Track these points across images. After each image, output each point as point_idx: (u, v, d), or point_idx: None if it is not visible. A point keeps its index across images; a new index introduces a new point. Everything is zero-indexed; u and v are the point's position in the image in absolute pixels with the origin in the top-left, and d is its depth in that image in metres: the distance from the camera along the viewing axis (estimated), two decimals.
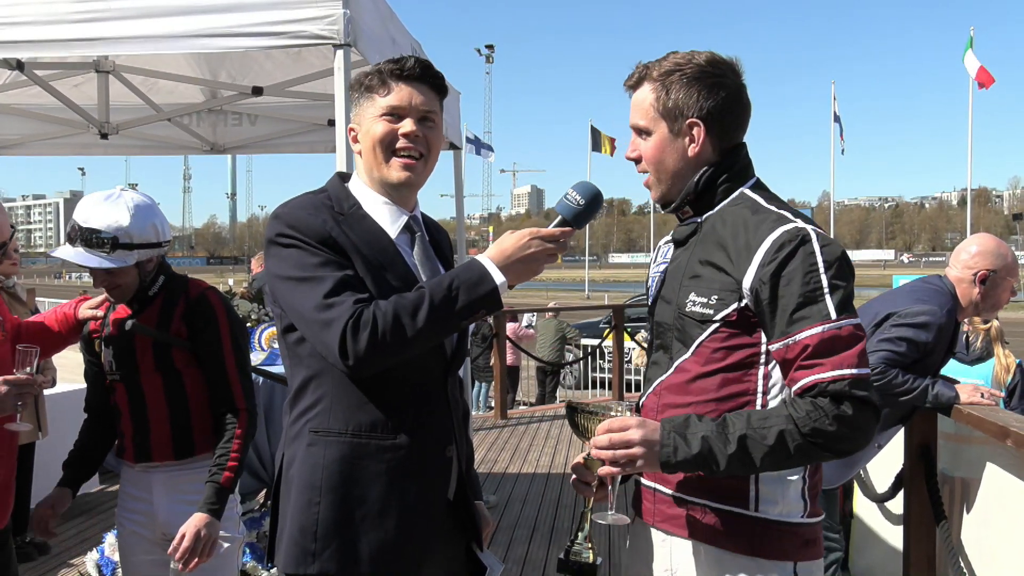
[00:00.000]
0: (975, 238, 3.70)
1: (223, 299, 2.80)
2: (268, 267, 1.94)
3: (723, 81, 1.90)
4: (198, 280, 2.86)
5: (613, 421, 1.79)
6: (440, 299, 1.80)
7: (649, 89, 1.92)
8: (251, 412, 2.72)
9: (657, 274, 2.07)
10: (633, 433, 1.76)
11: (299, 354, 1.95)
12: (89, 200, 2.62)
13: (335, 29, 3.38)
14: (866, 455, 3.69)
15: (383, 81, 1.98)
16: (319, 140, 6.30)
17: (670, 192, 1.96)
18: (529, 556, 5.32)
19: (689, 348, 1.88)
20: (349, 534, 1.89)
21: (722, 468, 1.74)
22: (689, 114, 1.89)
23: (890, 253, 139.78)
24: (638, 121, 1.94)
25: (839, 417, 1.71)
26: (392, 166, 1.98)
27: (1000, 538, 3.47)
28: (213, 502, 2.56)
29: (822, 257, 1.76)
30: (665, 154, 1.93)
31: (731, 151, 1.94)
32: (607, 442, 1.77)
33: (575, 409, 1.89)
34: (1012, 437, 2.99)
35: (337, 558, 1.89)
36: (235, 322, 2.78)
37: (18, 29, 3.47)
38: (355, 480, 1.90)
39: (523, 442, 8.62)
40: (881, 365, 3.39)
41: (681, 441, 1.75)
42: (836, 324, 1.72)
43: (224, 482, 2.59)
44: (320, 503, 1.89)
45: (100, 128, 5.44)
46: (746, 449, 1.73)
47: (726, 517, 1.86)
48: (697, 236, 1.95)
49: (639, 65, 1.97)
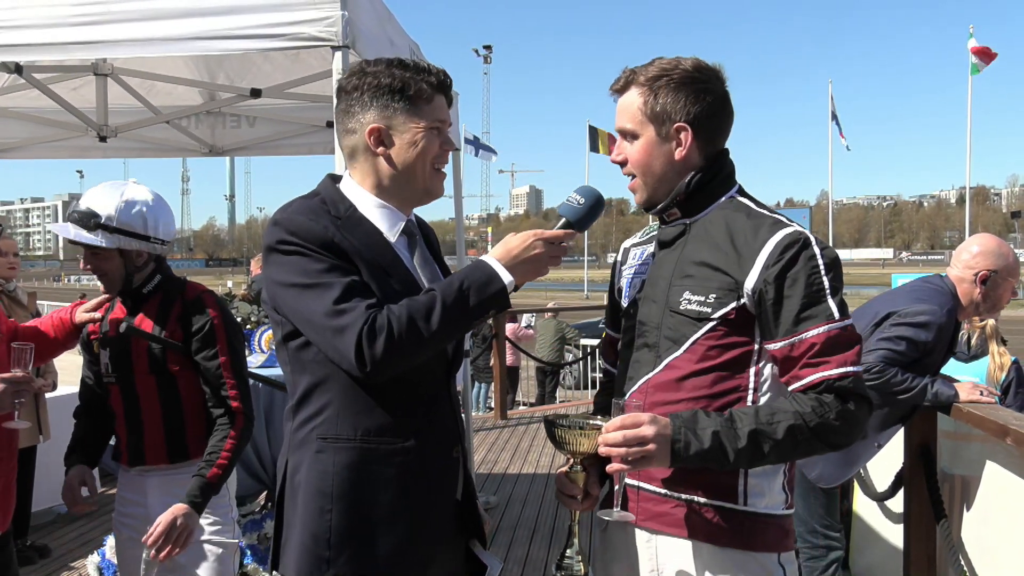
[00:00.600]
0: (976, 238, 3.70)
1: (219, 301, 2.80)
2: (269, 274, 1.93)
3: (709, 87, 1.96)
4: (195, 283, 2.87)
5: (626, 418, 1.80)
6: (452, 300, 1.81)
7: (636, 93, 1.96)
8: (247, 415, 2.72)
9: (633, 275, 2.10)
10: (647, 429, 1.77)
11: (303, 360, 1.93)
12: (97, 186, 2.76)
13: (333, 31, 3.38)
14: (866, 454, 3.69)
15: (426, 92, 1.98)
16: (318, 142, 6.30)
17: (655, 195, 2.00)
18: (529, 557, 5.33)
19: (681, 346, 1.91)
20: (362, 539, 1.89)
21: (730, 462, 1.80)
22: (676, 118, 1.94)
23: (889, 252, 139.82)
24: (625, 124, 1.98)
25: (843, 412, 1.80)
26: (436, 180, 2.03)
27: (1000, 536, 3.48)
28: (196, 495, 2.57)
29: (822, 260, 1.85)
30: (652, 157, 1.97)
31: (717, 156, 2.00)
32: (621, 439, 1.78)
33: (554, 423, 1.91)
34: (1012, 435, 3.00)
35: (351, 563, 1.89)
36: (231, 325, 2.79)
37: (16, 32, 3.47)
38: (366, 485, 1.90)
39: (523, 442, 8.63)
40: (880, 364, 3.38)
41: (692, 436, 1.79)
42: (840, 324, 1.83)
43: (211, 477, 2.60)
44: (332, 510, 1.89)
45: (99, 131, 5.43)
46: (756, 443, 1.79)
47: (716, 512, 1.89)
48: (685, 237, 1.99)
49: (625, 70, 2.00)
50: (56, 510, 6.03)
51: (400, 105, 1.96)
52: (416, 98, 1.97)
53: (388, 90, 1.96)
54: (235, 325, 2.84)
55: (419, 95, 1.97)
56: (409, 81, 1.96)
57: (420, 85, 1.97)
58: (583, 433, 1.88)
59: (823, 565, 3.71)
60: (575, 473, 1.95)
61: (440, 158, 2.01)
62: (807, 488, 3.71)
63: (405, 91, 1.96)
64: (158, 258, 2.79)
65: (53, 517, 5.97)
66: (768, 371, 1.90)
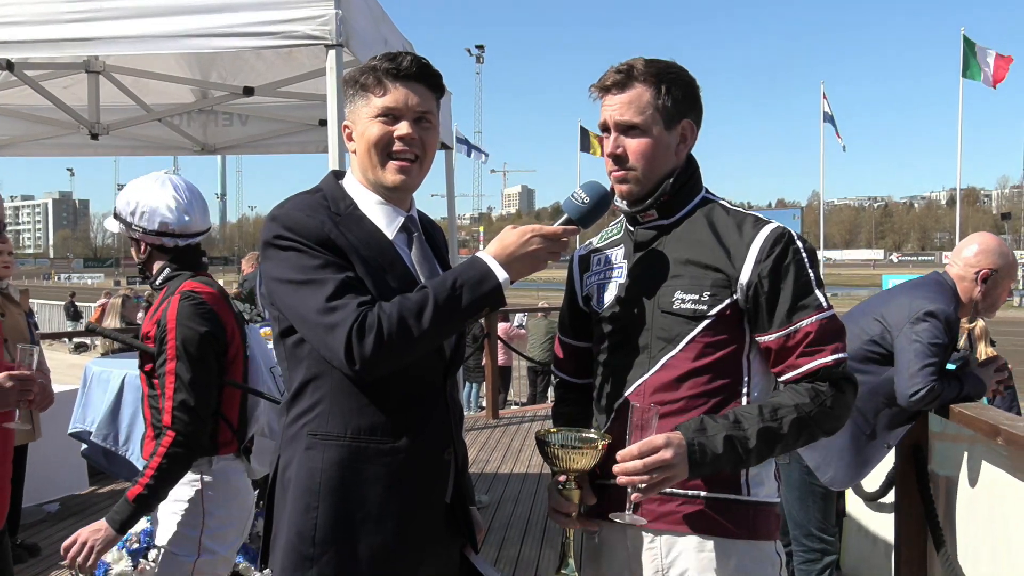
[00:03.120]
0: (977, 236, 3.69)
1: (187, 308, 2.56)
2: (266, 270, 1.92)
3: (698, 89, 2.03)
4: (192, 282, 2.68)
5: (642, 445, 1.80)
6: (444, 298, 1.80)
7: (644, 88, 1.96)
8: (180, 434, 2.45)
9: (604, 280, 2.09)
10: (666, 453, 1.79)
11: (298, 356, 1.92)
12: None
13: (327, 29, 3.38)
14: (877, 455, 3.66)
15: (379, 80, 1.93)
16: (310, 140, 6.29)
17: (645, 191, 2.00)
18: (521, 556, 5.32)
19: (677, 345, 1.93)
20: (348, 539, 1.87)
21: (743, 462, 1.86)
22: (686, 115, 1.99)
23: (879, 253, 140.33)
24: (632, 118, 1.96)
25: (837, 398, 1.88)
26: (387, 169, 1.96)
27: (991, 535, 3.49)
28: (115, 511, 2.42)
29: (805, 254, 1.92)
30: (658, 151, 1.97)
31: (689, 157, 2.05)
32: (642, 467, 1.79)
33: (546, 441, 1.90)
34: (1003, 435, 3.01)
35: (335, 563, 1.86)
36: (187, 336, 2.52)
37: (8, 29, 3.46)
38: (354, 484, 1.88)
39: (515, 442, 8.62)
40: (932, 384, 3.30)
41: (707, 445, 1.82)
42: (828, 313, 1.90)
43: (130, 495, 2.42)
44: (318, 508, 1.87)
45: (90, 128, 5.41)
46: (766, 440, 1.84)
47: (722, 505, 1.92)
48: (664, 238, 2.00)
49: (620, 65, 2.00)
50: (45, 508, 6.01)
51: (356, 98, 1.97)
52: (366, 88, 1.95)
53: (351, 84, 1.98)
54: (194, 336, 2.53)
55: (369, 84, 1.95)
56: (366, 71, 1.95)
57: (373, 74, 1.94)
58: (579, 451, 1.87)
59: (818, 568, 3.71)
60: (569, 491, 1.93)
61: (385, 146, 1.94)
62: (806, 491, 3.70)
63: (359, 81, 1.96)
64: (175, 253, 2.70)
65: (43, 516, 5.94)
66: (757, 364, 1.95)
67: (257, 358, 2.84)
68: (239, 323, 2.72)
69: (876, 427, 3.58)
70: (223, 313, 2.64)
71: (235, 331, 2.68)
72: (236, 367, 2.69)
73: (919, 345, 3.36)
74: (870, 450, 3.62)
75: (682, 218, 2.00)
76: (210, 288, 2.67)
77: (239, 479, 2.73)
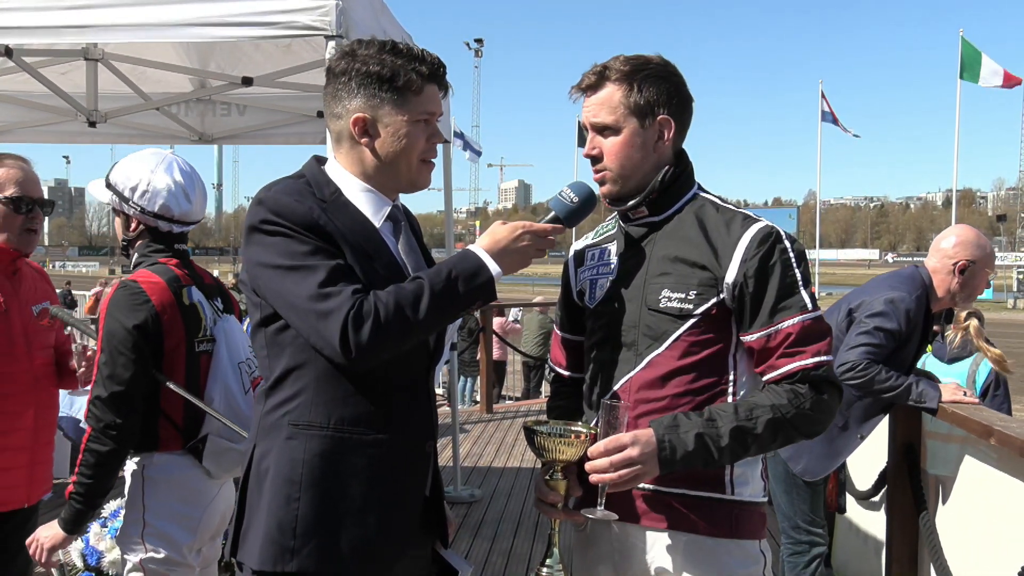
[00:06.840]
0: (954, 229, 3.73)
1: (119, 298, 2.44)
2: (250, 255, 1.86)
3: (681, 81, 2.01)
4: (145, 271, 2.54)
5: (609, 442, 1.82)
6: (440, 289, 1.79)
7: (615, 87, 1.96)
8: (97, 430, 2.36)
9: (596, 276, 2.09)
10: (632, 451, 1.80)
11: (281, 344, 1.87)
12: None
13: (327, 20, 3.38)
14: (849, 446, 3.70)
15: (417, 81, 1.89)
16: (308, 131, 6.27)
17: (625, 189, 2.00)
18: (514, 550, 5.34)
19: (663, 343, 1.93)
20: (329, 531, 1.84)
21: (715, 460, 1.84)
22: (660, 111, 1.95)
23: (875, 253, 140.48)
24: (604, 119, 1.96)
25: (817, 402, 1.86)
26: (423, 172, 1.96)
27: (982, 533, 3.51)
28: (63, 511, 2.43)
29: (792, 253, 1.90)
30: (633, 150, 1.97)
31: (681, 154, 2.03)
32: (608, 464, 1.80)
33: (534, 431, 1.90)
34: (995, 435, 3.03)
35: (317, 555, 1.83)
36: (112, 328, 2.40)
37: (6, 15, 3.45)
38: (336, 476, 1.84)
39: (509, 436, 8.64)
40: (863, 361, 3.39)
41: (676, 441, 1.81)
42: (813, 314, 1.88)
43: (66, 493, 2.40)
44: (300, 499, 1.83)
45: (88, 116, 5.39)
46: (739, 440, 1.83)
47: (706, 504, 1.92)
48: (654, 235, 2.00)
49: (595, 66, 2.00)
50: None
51: (387, 95, 1.89)
52: (405, 89, 1.89)
53: (376, 78, 1.88)
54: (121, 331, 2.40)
55: (408, 85, 1.89)
56: (399, 70, 1.88)
57: (410, 75, 1.89)
58: (565, 441, 1.88)
59: (805, 560, 3.73)
60: (555, 481, 1.93)
61: (428, 151, 1.95)
62: (791, 484, 3.72)
63: (394, 81, 1.88)
64: (155, 236, 2.58)
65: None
66: (743, 364, 1.94)
67: (222, 353, 2.60)
68: (188, 316, 2.53)
69: (848, 418, 3.62)
70: (164, 305, 2.46)
71: (177, 324, 2.49)
72: (177, 361, 2.50)
73: (865, 325, 3.46)
74: (842, 441, 3.65)
75: (672, 215, 1.99)
76: (157, 277, 2.50)
77: (187, 476, 2.53)
